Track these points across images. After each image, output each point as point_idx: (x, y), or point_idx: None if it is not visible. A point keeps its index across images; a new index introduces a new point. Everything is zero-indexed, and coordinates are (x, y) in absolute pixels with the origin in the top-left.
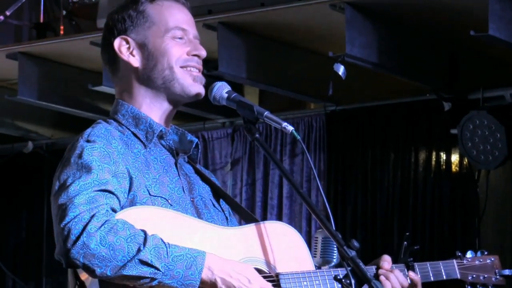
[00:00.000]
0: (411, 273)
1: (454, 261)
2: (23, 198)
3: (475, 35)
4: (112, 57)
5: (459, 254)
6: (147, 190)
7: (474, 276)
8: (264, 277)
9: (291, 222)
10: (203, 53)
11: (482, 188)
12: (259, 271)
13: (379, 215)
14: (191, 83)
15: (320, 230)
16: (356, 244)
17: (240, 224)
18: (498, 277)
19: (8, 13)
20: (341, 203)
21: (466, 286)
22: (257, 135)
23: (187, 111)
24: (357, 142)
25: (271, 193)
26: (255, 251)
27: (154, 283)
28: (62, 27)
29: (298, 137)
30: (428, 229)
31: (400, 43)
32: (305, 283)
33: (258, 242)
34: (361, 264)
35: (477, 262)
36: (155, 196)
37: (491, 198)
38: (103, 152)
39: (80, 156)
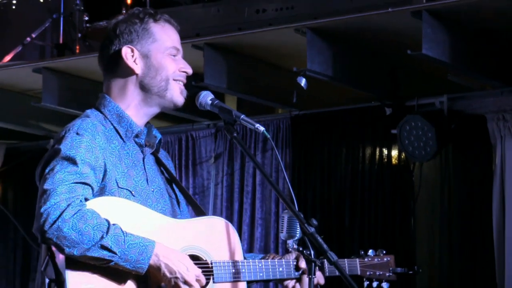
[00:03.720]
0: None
1: (357, 260)
2: None
3: (411, 53)
4: (114, 59)
5: (362, 253)
6: (116, 182)
7: (371, 272)
8: (200, 263)
9: (263, 204)
10: (190, 71)
11: (416, 177)
12: (198, 257)
13: (334, 199)
14: (178, 94)
15: (286, 210)
16: (314, 222)
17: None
18: (391, 273)
19: (33, 35)
20: (303, 189)
21: (364, 279)
22: (235, 134)
23: (179, 115)
24: (316, 140)
25: (247, 181)
26: (196, 240)
27: (111, 264)
28: (78, 47)
29: (268, 136)
30: (373, 211)
31: (351, 60)
32: (233, 270)
33: (200, 233)
34: (318, 238)
35: (376, 261)
36: (122, 188)
37: (424, 185)
38: (88, 146)
39: (69, 147)
